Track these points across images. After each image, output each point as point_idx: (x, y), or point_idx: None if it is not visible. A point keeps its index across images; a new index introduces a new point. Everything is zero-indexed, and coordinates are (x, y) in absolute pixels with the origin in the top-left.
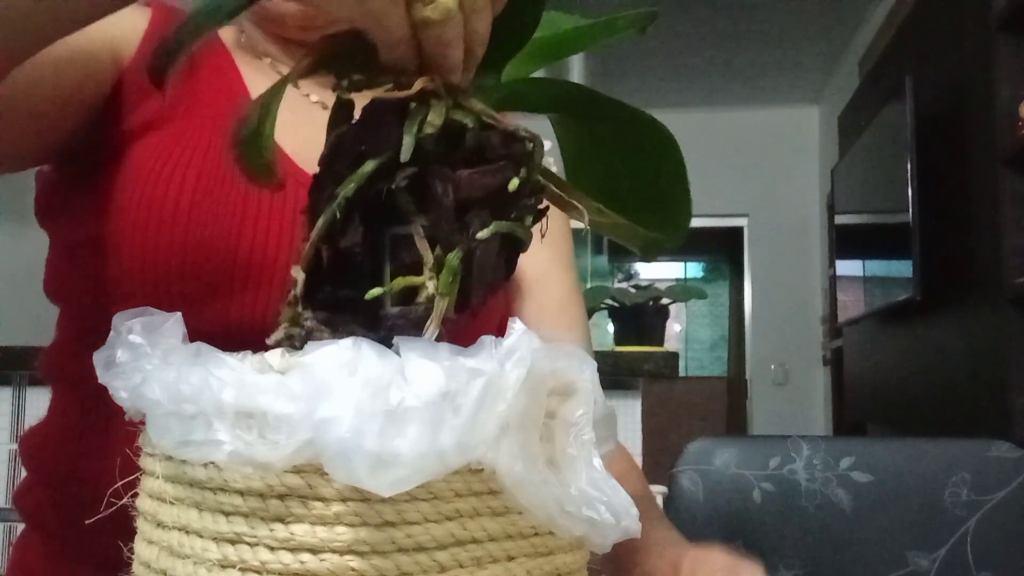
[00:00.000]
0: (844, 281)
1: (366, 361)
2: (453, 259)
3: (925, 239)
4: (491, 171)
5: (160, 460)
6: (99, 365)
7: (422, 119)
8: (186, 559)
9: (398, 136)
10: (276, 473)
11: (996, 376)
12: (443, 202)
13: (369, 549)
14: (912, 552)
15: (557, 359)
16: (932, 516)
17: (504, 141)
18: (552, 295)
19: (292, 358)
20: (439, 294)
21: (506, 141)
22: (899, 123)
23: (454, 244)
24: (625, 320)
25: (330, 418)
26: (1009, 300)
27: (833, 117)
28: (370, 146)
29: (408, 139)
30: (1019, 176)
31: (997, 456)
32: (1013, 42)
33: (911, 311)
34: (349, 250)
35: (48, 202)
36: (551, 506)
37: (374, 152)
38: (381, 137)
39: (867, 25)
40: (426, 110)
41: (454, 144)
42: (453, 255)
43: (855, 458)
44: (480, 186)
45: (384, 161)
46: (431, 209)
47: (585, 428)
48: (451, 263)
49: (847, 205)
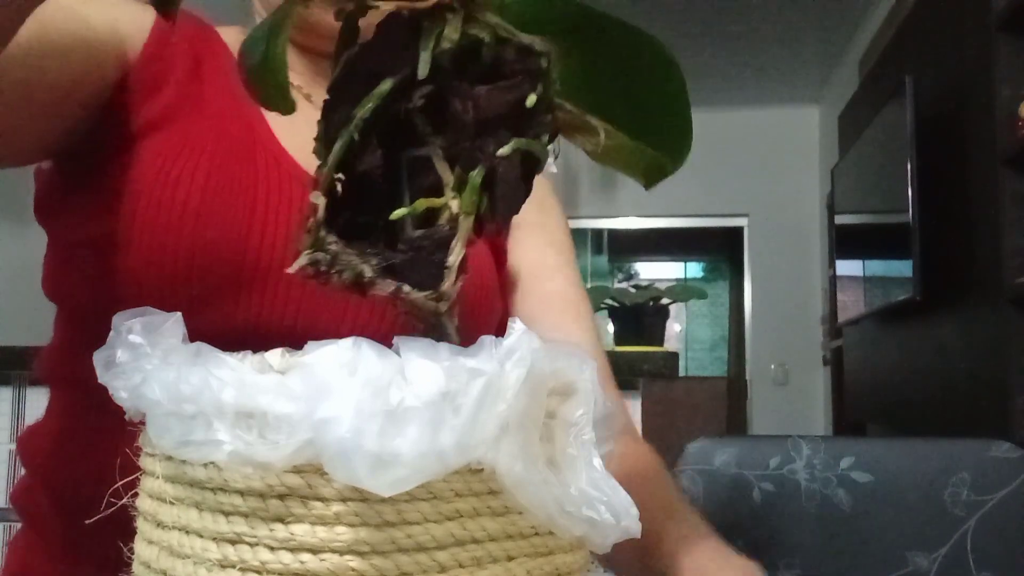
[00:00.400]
0: (844, 281)
1: (366, 361)
2: (476, 177)
3: (925, 239)
4: (508, 87)
5: (160, 460)
6: (99, 365)
7: (438, 34)
8: (186, 559)
9: (413, 53)
10: (276, 473)
11: (996, 376)
12: (463, 120)
13: (369, 549)
14: (912, 552)
15: (557, 359)
16: (932, 516)
17: (520, 55)
18: (555, 287)
19: (292, 358)
20: (463, 213)
21: (522, 55)
22: (899, 123)
23: (475, 162)
24: (625, 320)
25: (330, 418)
26: (1009, 300)
27: (833, 117)
28: (385, 65)
29: (425, 55)
30: (1019, 176)
31: (997, 456)
32: (1013, 42)
33: (911, 311)
34: (368, 174)
35: (48, 200)
36: (551, 506)
37: (389, 71)
38: (396, 55)
39: (867, 25)
40: (441, 25)
41: (470, 59)
42: (476, 173)
43: (855, 458)
44: (498, 103)
45: (400, 79)
46: (450, 128)
47: (585, 428)
48: (474, 181)
49: (847, 205)
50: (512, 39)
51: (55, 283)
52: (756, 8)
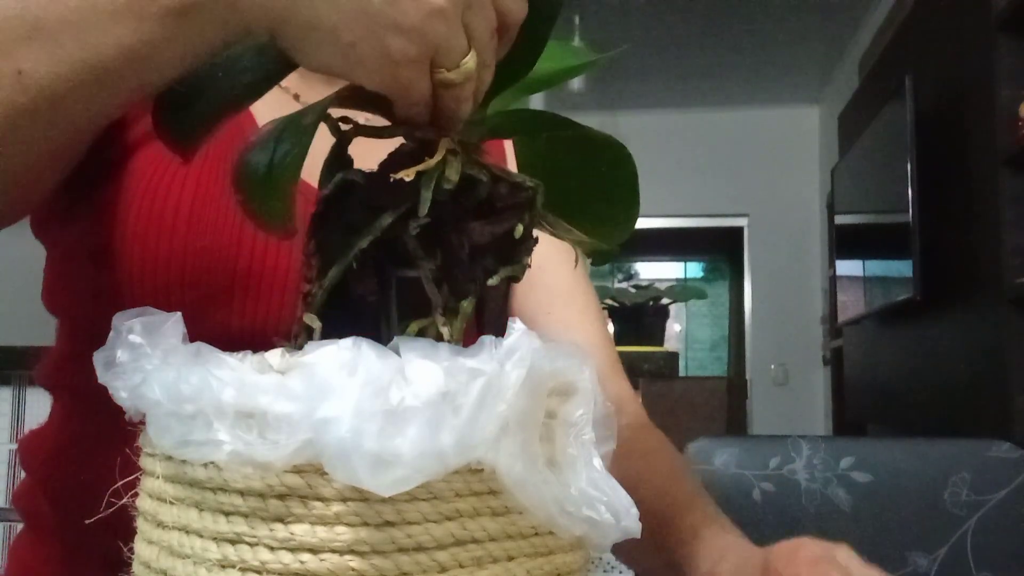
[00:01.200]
0: (844, 281)
1: (366, 361)
2: (468, 306)
3: (925, 239)
4: (499, 220)
5: (160, 460)
6: (99, 365)
7: (439, 175)
8: (186, 559)
9: (414, 188)
10: (276, 473)
11: (996, 376)
12: (458, 253)
13: (369, 549)
14: (912, 552)
15: (557, 359)
16: (932, 516)
17: (512, 191)
18: (560, 280)
19: (292, 358)
20: (454, 340)
21: (514, 191)
22: (899, 123)
23: (467, 292)
24: (625, 320)
25: (330, 418)
26: (1009, 300)
27: (833, 117)
28: (386, 197)
29: (426, 194)
30: (1019, 176)
31: (997, 456)
32: (1013, 42)
33: (911, 311)
34: (362, 296)
35: (46, 215)
36: (551, 506)
37: (389, 203)
38: (397, 189)
39: (867, 25)
40: (442, 166)
41: (464, 194)
42: (467, 303)
43: (855, 458)
44: (489, 234)
45: (401, 213)
46: (443, 256)
47: (585, 428)
48: (465, 310)
49: (847, 205)
50: (505, 177)
51: (55, 296)
52: (756, 8)
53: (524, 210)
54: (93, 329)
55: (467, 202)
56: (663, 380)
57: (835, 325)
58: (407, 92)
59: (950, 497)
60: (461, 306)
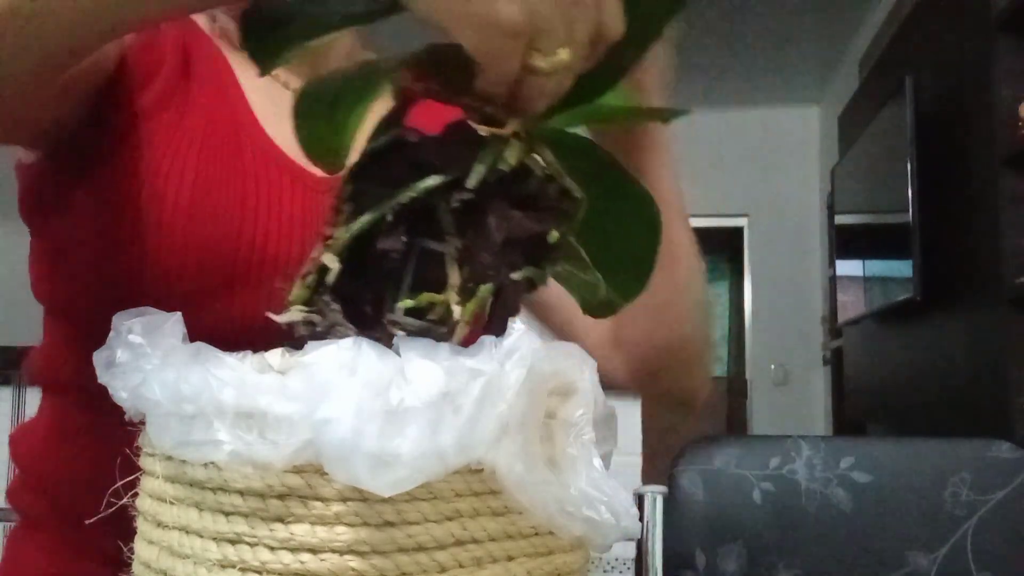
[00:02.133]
0: (844, 281)
1: (366, 361)
2: (485, 292)
3: (925, 239)
4: (539, 219)
5: (160, 460)
6: (99, 365)
7: (498, 154)
8: (186, 559)
9: (468, 159)
10: (276, 473)
11: (996, 376)
12: (492, 237)
13: (369, 549)
14: (912, 552)
15: (557, 359)
16: (932, 516)
17: (560, 196)
18: None
19: (292, 358)
20: (463, 321)
21: (562, 196)
22: (899, 123)
23: (487, 278)
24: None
25: (330, 418)
26: (1009, 300)
27: (833, 117)
28: (437, 161)
29: (480, 168)
30: (1019, 176)
31: (997, 456)
32: (1013, 42)
33: (911, 311)
34: (384, 252)
35: (40, 197)
36: (551, 506)
37: (439, 168)
38: (451, 154)
39: (867, 25)
40: (502, 146)
41: (514, 181)
42: (486, 288)
43: (855, 458)
44: (525, 229)
45: (447, 180)
46: (473, 236)
47: (585, 428)
48: (482, 295)
49: (847, 205)
50: (558, 179)
51: (46, 285)
52: (756, 8)
53: (566, 218)
54: (86, 319)
55: (514, 190)
56: None
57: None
58: (498, 62)
59: (950, 497)
60: (479, 289)
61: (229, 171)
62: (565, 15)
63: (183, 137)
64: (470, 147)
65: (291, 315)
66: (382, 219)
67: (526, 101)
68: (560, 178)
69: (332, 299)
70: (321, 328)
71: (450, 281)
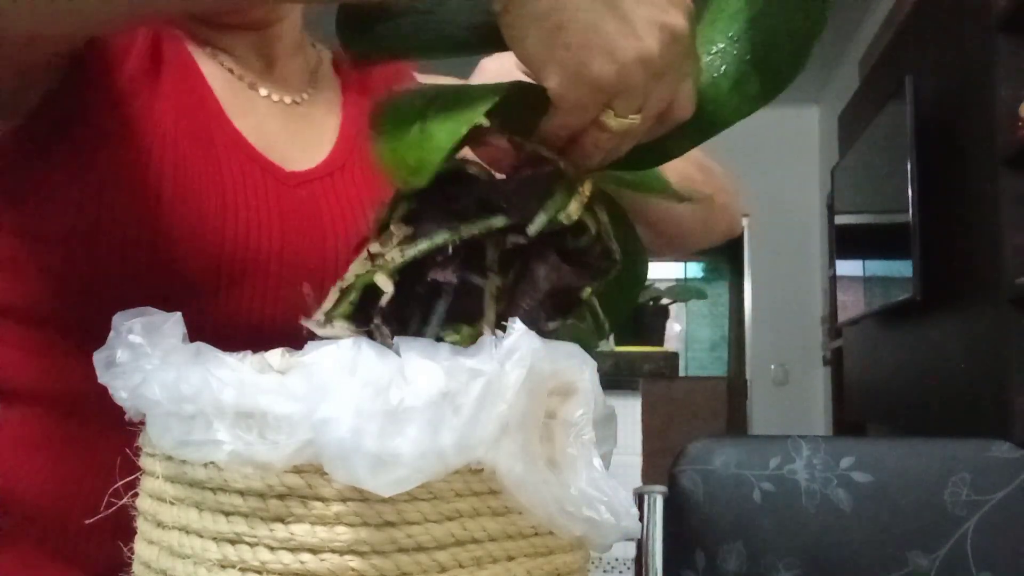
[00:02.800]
0: (844, 281)
1: (366, 361)
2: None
3: (925, 239)
4: (580, 273)
5: (160, 460)
6: (99, 365)
7: (561, 207)
8: (186, 559)
9: (532, 207)
10: (276, 473)
11: (996, 376)
12: (540, 285)
13: (369, 549)
14: (912, 552)
15: (557, 359)
16: (932, 516)
17: (604, 255)
18: None
19: (292, 358)
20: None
21: (604, 255)
22: (899, 123)
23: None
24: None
25: (330, 418)
26: (1009, 300)
27: (833, 117)
28: (506, 202)
29: (543, 217)
30: (1019, 176)
31: (997, 456)
32: (1013, 42)
33: (911, 311)
34: (435, 282)
35: (9, 182)
36: (551, 506)
37: (506, 210)
38: (518, 199)
39: (867, 25)
40: (567, 200)
41: (566, 233)
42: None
43: (855, 458)
44: (568, 283)
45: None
46: (522, 283)
47: (585, 428)
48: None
49: (847, 205)
50: (607, 241)
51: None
52: None
53: (601, 276)
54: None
55: (565, 244)
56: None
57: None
58: (574, 111)
59: (950, 497)
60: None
61: (203, 163)
62: (647, 85)
63: (155, 127)
64: (536, 195)
65: (337, 331)
66: (439, 249)
67: (583, 154)
68: (608, 239)
69: (384, 322)
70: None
71: (486, 317)
